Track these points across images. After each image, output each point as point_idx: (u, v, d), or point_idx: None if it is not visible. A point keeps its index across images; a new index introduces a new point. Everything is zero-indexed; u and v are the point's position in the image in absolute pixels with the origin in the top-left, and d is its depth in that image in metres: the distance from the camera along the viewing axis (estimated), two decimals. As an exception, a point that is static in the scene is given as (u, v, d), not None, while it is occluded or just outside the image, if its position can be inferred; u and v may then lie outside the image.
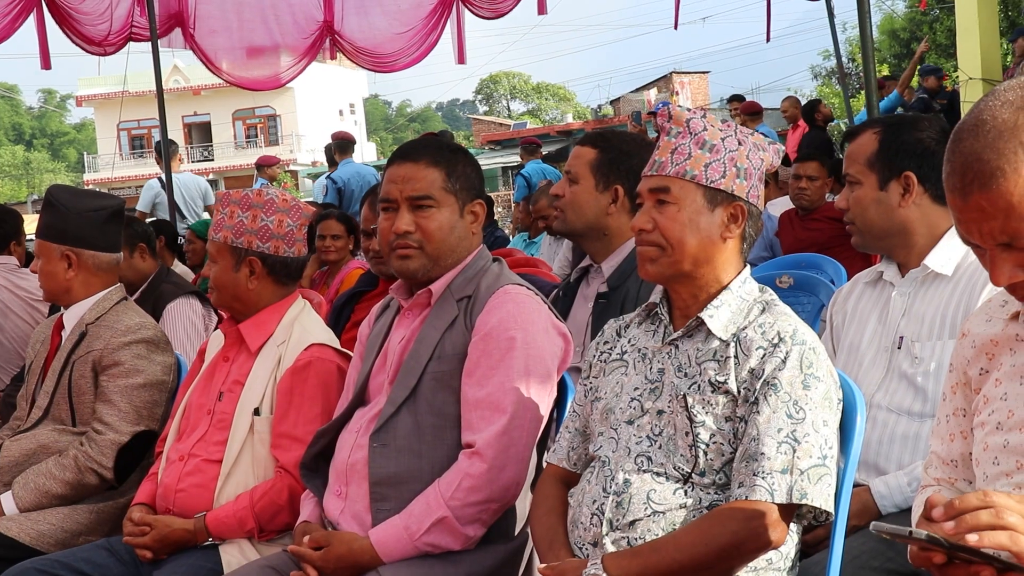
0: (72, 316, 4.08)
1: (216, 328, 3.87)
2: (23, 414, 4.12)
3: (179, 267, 7.62)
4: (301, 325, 3.56)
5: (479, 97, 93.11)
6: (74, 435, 3.92)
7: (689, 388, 2.52)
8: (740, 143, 2.60)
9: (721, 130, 2.60)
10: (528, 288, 3.04)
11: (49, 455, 3.88)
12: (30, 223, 7.01)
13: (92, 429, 3.86)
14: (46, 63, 9.72)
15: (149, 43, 10.26)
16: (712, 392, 2.49)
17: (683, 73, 44.07)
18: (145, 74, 10.60)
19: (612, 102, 43.89)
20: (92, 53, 10.23)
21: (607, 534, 2.50)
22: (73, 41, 9.83)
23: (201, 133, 57.16)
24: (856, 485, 2.86)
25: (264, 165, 15.06)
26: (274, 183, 13.72)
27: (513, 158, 30.86)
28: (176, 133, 51.25)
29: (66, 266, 4.03)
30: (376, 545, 2.80)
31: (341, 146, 13.24)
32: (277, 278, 3.58)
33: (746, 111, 14.48)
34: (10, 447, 3.94)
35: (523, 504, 2.95)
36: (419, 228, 3.05)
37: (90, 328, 3.99)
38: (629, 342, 2.72)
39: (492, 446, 2.81)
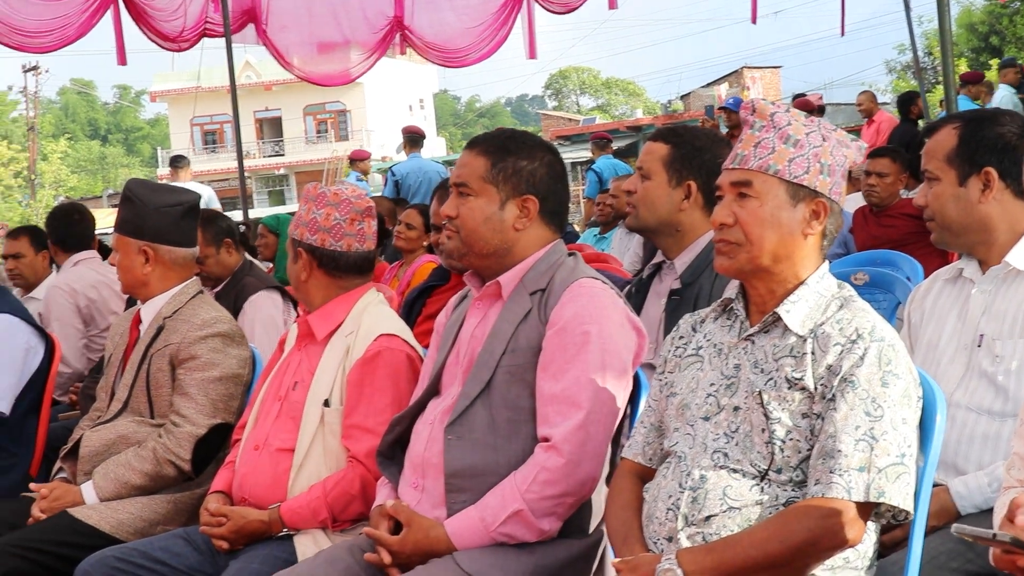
0: (149, 310, 4.14)
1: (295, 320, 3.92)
2: (103, 406, 4.19)
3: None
4: (370, 316, 3.59)
5: (548, 92, 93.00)
6: (152, 427, 3.98)
7: (765, 384, 2.50)
8: (824, 139, 2.58)
9: (805, 125, 2.57)
10: (604, 282, 3.03)
11: (128, 446, 3.94)
12: (106, 217, 7.15)
13: (170, 422, 3.92)
14: (122, 59, 9.86)
15: (222, 39, 10.38)
16: (788, 389, 2.47)
17: (754, 68, 43.73)
18: (217, 70, 10.78)
19: (682, 97, 43.66)
20: (167, 49, 10.36)
21: (682, 529, 2.49)
22: (148, 37, 9.96)
23: (272, 128, 57.60)
24: (934, 485, 2.82)
25: (357, 159, 15.15)
26: (367, 176, 13.81)
27: (581, 153, 30.81)
28: (248, 128, 51.83)
29: (143, 260, 4.09)
30: (452, 535, 2.82)
31: (411, 140, 13.33)
32: (327, 271, 3.62)
33: (799, 109, 14.30)
34: (91, 438, 4.01)
35: (599, 499, 2.95)
36: (458, 214, 3.10)
37: (167, 322, 4.04)
38: (705, 337, 2.71)
39: (569, 441, 2.80)
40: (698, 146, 3.71)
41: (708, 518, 2.47)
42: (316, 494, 3.35)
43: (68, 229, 6.58)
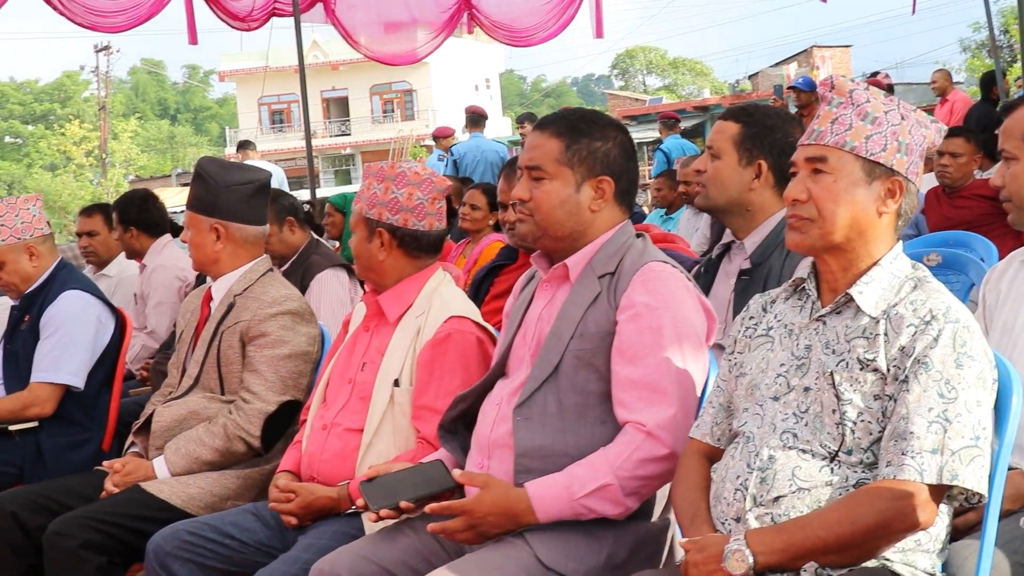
0: (220, 287, 4.18)
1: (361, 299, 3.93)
2: (174, 381, 4.24)
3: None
4: (440, 297, 3.60)
5: (615, 72, 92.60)
6: (223, 403, 4.02)
7: (837, 365, 2.48)
8: (903, 117, 2.55)
9: (884, 103, 2.54)
10: (673, 265, 3.01)
11: (199, 422, 3.99)
12: (175, 196, 7.24)
13: (240, 398, 3.96)
14: (193, 39, 9.93)
15: (291, 18, 10.42)
16: (860, 370, 2.45)
17: (824, 47, 43.24)
18: (285, 49, 10.79)
19: (750, 77, 43.32)
20: (236, 28, 10.43)
21: (750, 510, 2.48)
22: (218, 16, 10.03)
23: (339, 108, 57.86)
24: (1009, 468, 2.78)
25: (440, 136, 15.14)
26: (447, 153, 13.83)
27: (648, 133, 30.65)
28: (315, 107, 52.07)
29: (215, 238, 4.12)
30: (533, 498, 2.78)
31: (472, 119, 13.37)
32: (407, 250, 3.63)
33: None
34: (162, 413, 4.06)
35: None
36: (531, 197, 3.07)
37: (237, 299, 4.08)
38: (775, 318, 2.69)
39: (666, 428, 2.79)
40: (769, 125, 3.67)
41: (777, 499, 2.46)
42: None
43: (149, 214, 6.66)
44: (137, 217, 6.58)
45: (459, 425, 3.20)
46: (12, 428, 4.61)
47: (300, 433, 3.74)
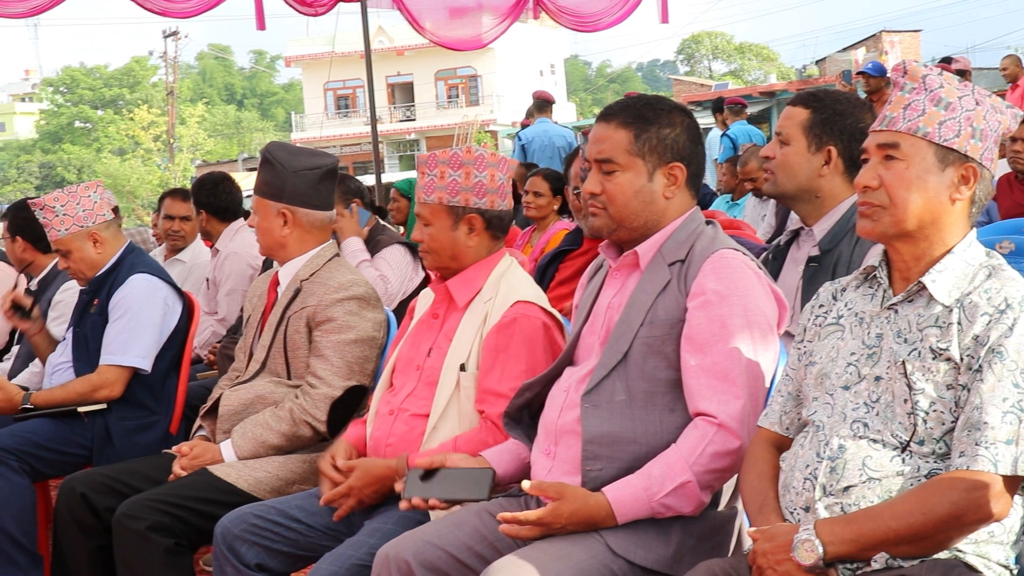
0: (287, 272, 4.20)
1: (424, 286, 3.93)
2: (241, 366, 4.27)
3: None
4: (508, 282, 3.59)
5: (680, 57, 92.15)
6: (289, 388, 4.05)
7: (909, 354, 2.45)
8: (978, 103, 2.50)
9: (958, 88, 2.50)
10: (744, 253, 2.98)
11: (266, 406, 4.02)
12: (241, 181, 7.30)
13: (306, 383, 3.98)
14: (261, 24, 9.95)
15: (357, 4, 10.43)
16: (933, 359, 2.41)
17: (893, 32, 42.66)
18: (351, 35, 10.81)
19: (818, 62, 42.86)
20: (303, 14, 10.44)
21: (820, 499, 2.46)
22: (286, 2, 10.05)
23: (404, 93, 58.01)
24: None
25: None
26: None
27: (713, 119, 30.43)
28: (380, 93, 52.26)
29: (282, 223, 4.14)
30: (613, 503, 2.77)
31: (539, 105, 13.38)
32: (493, 233, 3.63)
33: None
34: (229, 397, 4.09)
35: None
36: (604, 190, 3.04)
37: (304, 284, 4.10)
38: (846, 306, 2.66)
39: (737, 419, 2.77)
40: (839, 110, 3.63)
41: (847, 488, 2.44)
42: (445, 448, 3.37)
43: (219, 198, 6.70)
44: (208, 200, 6.63)
45: (524, 413, 3.19)
46: (82, 410, 4.67)
47: (367, 414, 3.76)
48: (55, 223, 4.82)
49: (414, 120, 56.30)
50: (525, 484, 2.89)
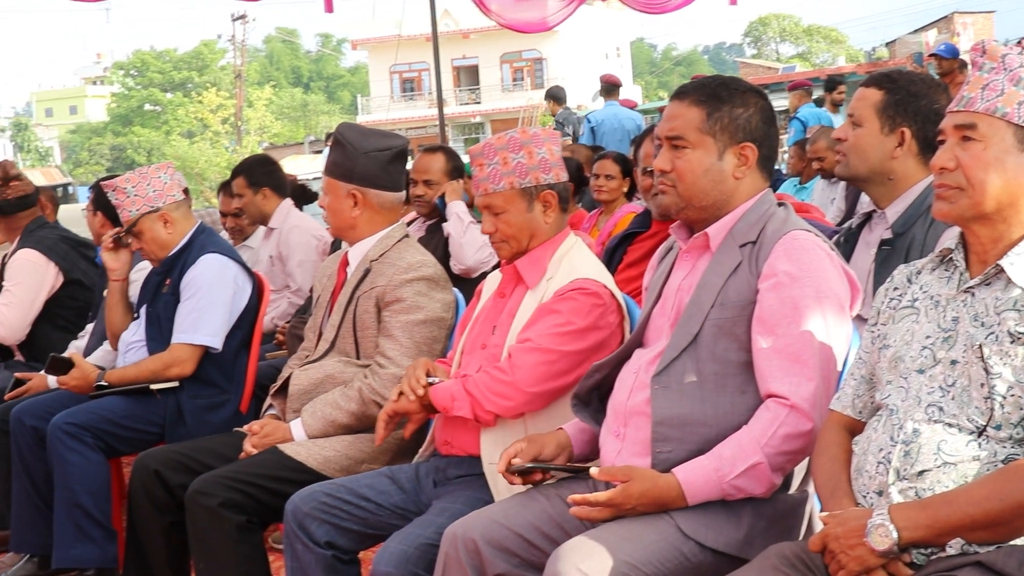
0: (357, 253, 4.22)
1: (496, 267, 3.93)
2: (311, 345, 4.30)
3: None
4: (570, 261, 3.59)
5: (747, 40, 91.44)
6: (358, 367, 4.07)
7: (986, 338, 2.41)
8: (1060, 82, 2.46)
9: (1040, 68, 2.46)
10: (816, 234, 2.96)
11: (335, 385, 4.04)
12: (309, 163, 7.34)
13: (375, 363, 4.00)
14: (329, 7, 10.01)
15: (426, -14, 10.46)
16: (1011, 343, 2.38)
17: (966, 13, 42.05)
18: (417, 18, 10.80)
19: (887, 44, 42.35)
20: (371, -4, 10.49)
21: (893, 483, 2.43)
22: (354, -15, 10.10)
23: (469, 76, 58.11)
24: None
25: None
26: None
27: (781, 102, 30.16)
28: (446, 76, 52.30)
29: (352, 204, 4.16)
30: (683, 483, 2.77)
31: (606, 88, 13.39)
32: (563, 206, 3.64)
33: None
34: (299, 376, 4.13)
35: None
36: (674, 168, 3.03)
37: (374, 265, 4.11)
38: (921, 289, 2.63)
39: (808, 401, 2.75)
40: (913, 92, 3.59)
41: (921, 473, 2.41)
42: (455, 387, 3.48)
43: (277, 175, 6.75)
44: (268, 179, 6.66)
45: (594, 396, 3.19)
46: (154, 387, 4.73)
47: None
48: (126, 204, 4.88)
49: (479, 103, 56.38)
50: (594, 470, 2.89)
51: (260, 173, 6.71)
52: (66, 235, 6.18)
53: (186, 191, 5.09)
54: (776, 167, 3.29)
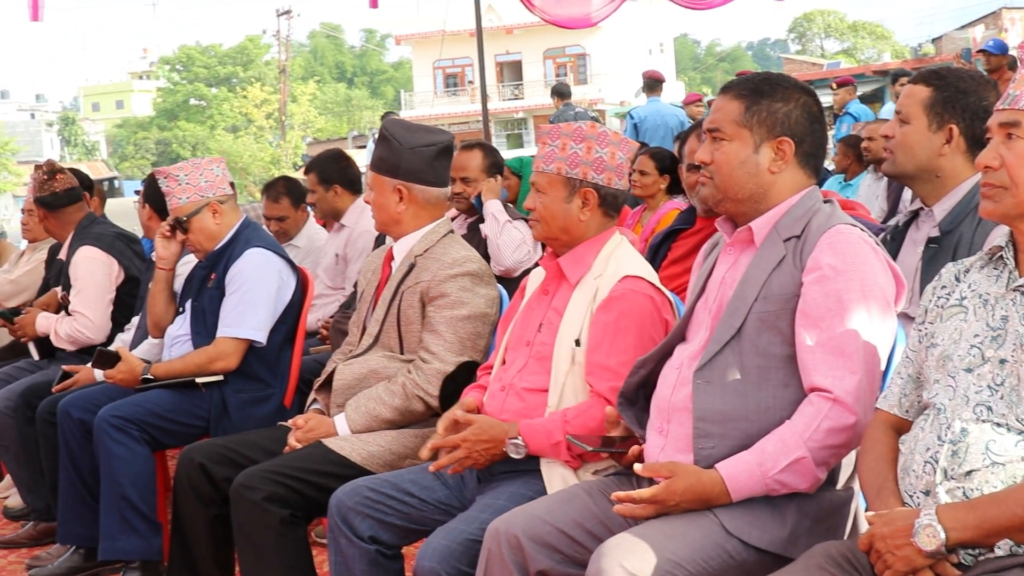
0: (402, 248, 4.23)
1: (536, 264, 3.93)
2: (355, 340, 4.31)
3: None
4: (617, 259, 3.59)
5: (791, 36, 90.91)
6: (402, 362, 4.08)
7: (1036, 337, 2.39)
8: (1109, 81, 2.43)
9: (1091, 64, 2.43)
10: (862, 229, 2.94)
11: (379, 380, 4.05)
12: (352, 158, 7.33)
13: (419, 358, 4.00)
14: (374, 2, 10.04)
15: (470, -19, 10.46)
16: (1061, 342, 2.35)
17: (1014, 8, 41.58)
18: (460, 13, 10.81)
19: (934, 40, 42.03)
20: (415, -8, 10.50)
21: (940, 483, 2.41)
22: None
23: (512, 72, 58.08)
24: None
25: (691, 103, 15.07)
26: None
27: (826, 99, 30.01)
28: (489, 71, 52.40)
29: (397, 199, 4.17)
30: (727, 479, 2.76)
31: (649, 84, 13.38)
32: (605, 210, 3.63)
33: None
34: (343, 371, 4.14)
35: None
36: (712, 159, 3.04)
37: (418, 260, 4.12)
38: (969, 287, 2.61)
39: (852, 395, 2.73)
40: (962, 88, 3.56)
41: (969, 472, 2.39)
42: (555, 419, 3.38)
43: (351, 171, 6.68)
44: (340, 175, 6.63)
45: (640, 393, 3.19)
46: (199, 381, 4.76)
47: (481, 381, 3.79)
48: (177, 191, 4.93)
49: (522, 99, 56.33)
50: (637, 467, 2.90)
51: (332, 170, 6.65)
52: (119, 231, 6.21)
53: (232, 185, 5.12)
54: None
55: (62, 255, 6.23)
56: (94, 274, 5.88)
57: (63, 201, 6.13)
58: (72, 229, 6.13)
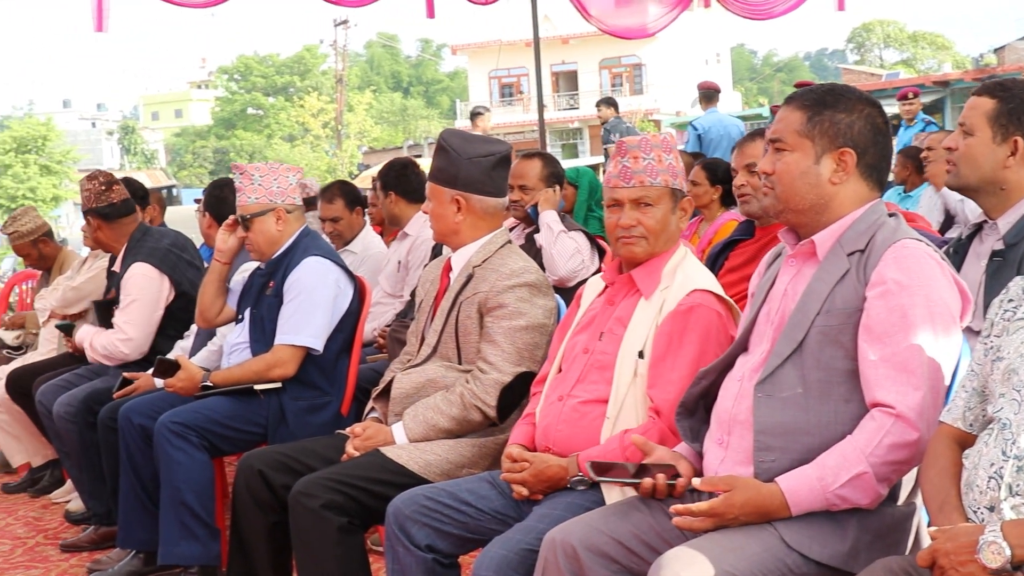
0: (460, 259, 4.24)
1: (595, 273, 3.92)
2: (413, 349, 4.33)
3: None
4: (684, 271, 3.59)
5: (850, 46, 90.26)
6: (460, 372, 4.09)
7: (1103, 352, 2.36)
8: None
9: None
10: (927, 243, 2.91)
11: (437, 390, 4.07)
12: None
13: (477, 368, 4.01)
14: (431, 12, 10.06)
15: (525, -8, 10.47)
16: None
17: (1077, 18, 41.08)
18: (517, 24, 10.82)
19: (996, 50, 41.56)
20: (473, 2, 10.51)
21: (1005, 499, 2.38)
22: (458, -9, 10.13)
23: (568, 82, 58.08)
24: None
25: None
26: None
27: (886, 110, 29.77)
28: (545, 81, 52.40)
29: (455, 209, 4.18)
30: (787, 492, 2.74)
31: (706, 95, 13.35)
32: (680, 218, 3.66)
33: None
34: (401, 380, 4.15)
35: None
36: (774, 170, 3.03)
37: (476, 271, 4.13)
38: (1036, 300, 2.58)
39: (915, 410, 2.71)
40: None
41: (1034, 489, 2.36)
42: (613, 445, 3.37)
43: (408, 180, 6.66)
44: (396, 183, 6.65)
45: (700, 404, 3.17)
46: (258, 387, 4.80)
47: (531, 406, 3.78)
48: (248, 189, 4.99)
49: (577, 109, 56.30)
50: (696, 481, 2.89)
51: (391, 177, 6.69)
52: (171, 240, 6.23)
53: (308, 202, 5.13)
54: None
55: (116, 267, 6.27)
56: (144, 292, 5.90)
57: (119, 212, 6.16)
58: (125, 241, 6.16)
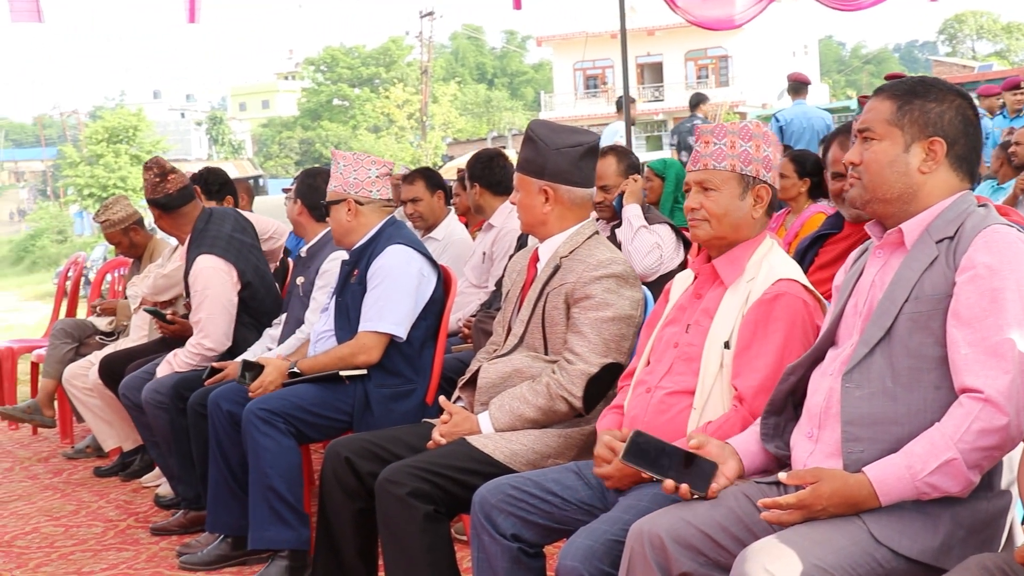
0: (547, 249, 4.25)
1: (682, 267, 3.90)
2: (499, 340, 4.35)
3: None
4: (769, 263, 3.56)
5: (941, 38, 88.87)
6: (546, 363, 4.09)
7: None
8: None
9: None
10: (1019, 230, 2.86)
11: (523, 380, 4.08)
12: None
13: (563, 359, 4.01)
14: (517, 4, 10.07)
15: (613, -17, 10.43)
16: None
17: None
18: (602, 15, 10.78)
19: (1091, 42, 40.68)
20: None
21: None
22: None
23: (653, 73, 57.84)
24: None
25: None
26: None
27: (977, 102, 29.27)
28: (630, 73, 52.31)
29: (543, 200, 4.19)
30: (874, 482, 2.71)
31: (794, 87, 13.24)
32: (768, 211, 3.63)
33: None
34: (488, 370, 4.17)
35: (1008, 457, 2.81)
36: (862, 160, 3.00)
37: (563, 261, 4.13)
38: None
39: (1005, 395, 2.66)
40: None
41: None
42: (698, 434, 3.35)
43: (493, 173, 6.72)
44: (482, 174, 6.69)
45: (788, 400, 3.15)
46: (343, 374, 4.85)
47: (618, 398, 3.77)
48: (333, 176, 5.10)
49: (662, 100, 56.05)
50: (782, 476, 2.87)
51: (478, 168, 6.76)
52: (233, 225, 6.23)
53: (390, 202, 5.16)
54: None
55: (181, 258, 6.34)
56: (214, 285, 5.94)
57: (177, 201, 6.23)
58: (190, 228, 6.20)
